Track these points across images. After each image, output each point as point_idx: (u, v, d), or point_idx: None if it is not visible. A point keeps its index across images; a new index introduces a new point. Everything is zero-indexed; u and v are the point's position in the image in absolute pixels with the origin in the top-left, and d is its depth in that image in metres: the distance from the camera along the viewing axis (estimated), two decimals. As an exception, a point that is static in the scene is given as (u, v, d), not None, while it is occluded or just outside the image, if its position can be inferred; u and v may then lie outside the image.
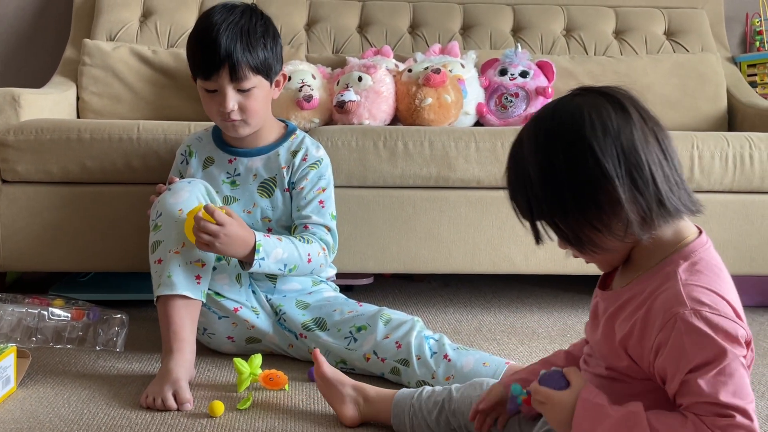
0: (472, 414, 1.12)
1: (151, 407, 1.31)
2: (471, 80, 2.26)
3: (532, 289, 2.23)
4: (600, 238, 0.90)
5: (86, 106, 2.32)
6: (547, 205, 0.91)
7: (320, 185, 1.61)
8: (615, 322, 0.92)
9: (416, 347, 1.44)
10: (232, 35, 1.47)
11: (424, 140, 1.86)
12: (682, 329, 0.83)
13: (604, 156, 0.87)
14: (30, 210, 1.83)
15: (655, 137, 0.90)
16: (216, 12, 1.50)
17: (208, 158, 1.63)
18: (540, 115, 0.95)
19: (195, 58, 1.51)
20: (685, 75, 2.44)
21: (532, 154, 0.91)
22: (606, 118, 0.88)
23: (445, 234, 1.89)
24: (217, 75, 1.47)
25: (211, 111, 1.53)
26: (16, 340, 1.59)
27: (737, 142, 1.90)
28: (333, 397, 1.27)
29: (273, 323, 1.59)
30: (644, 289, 0.90)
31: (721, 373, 0.82)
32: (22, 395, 1.36)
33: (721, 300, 0.86)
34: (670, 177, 0.89)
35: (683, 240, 0.92)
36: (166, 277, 1.41)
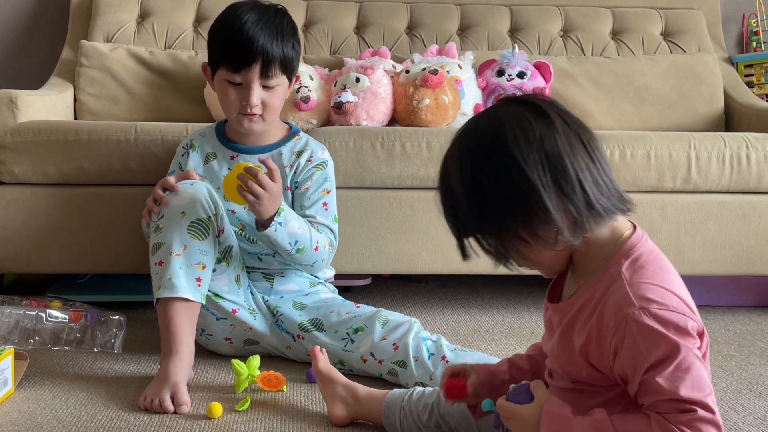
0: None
1: (149, 409, 1.31)
2: (468, 81, 2.26)
3: (530, 290, 2.23)
4: (529, 250, 0.90)
5: (83, 108, 2.31)
6: (471, 221, 0.90)
7: (325, 187, 1.62)
8: (572, 333, 0.93)
9: (414, 349, 1.44)
10: (269, 32, 1.49)
11: (422, 141, 1.86)
12: (634, 329, 0.84)
13: (527, 165, 0.86)
14: (27, 212, 1.83)
15: (580, 140, 0.89)
16: (249, 7, 1.52)
17: (211, 153, 1.63)
18: (463, 131, 0.94)
19: (225, 50, 1.51)
20: (682, 75, 2.44)
21: (456, 171, 0.91)
22: (528, 127, 0.88)
23: (443, 235, 1.88)
24: (248, 69, 1.49)
25: (230, 103, 1.53)
26: (14, 342, 1.59)
27: (734, 143, 1.91)
28: (325, 394, 1.29)
29: (270, 325, 1.59)
30: (593, 294, 0.90)
31: (678, 369, 0.83)
32: (20, 397, 1.36)
33: (668, 293, 0.86)
34: (598, 179, 0.89)
35: (620, 238, 0.92)
36: (167, 280, 1.41)
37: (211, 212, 1.47)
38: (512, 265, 0.95)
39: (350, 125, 2.06)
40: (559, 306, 0.96)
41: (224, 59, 1.51)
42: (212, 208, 1.47)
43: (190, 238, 1.43)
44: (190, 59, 2.37)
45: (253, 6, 1.53)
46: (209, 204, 1.47)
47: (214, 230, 1.47)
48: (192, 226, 1.44)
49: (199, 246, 1.44)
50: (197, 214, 1.44)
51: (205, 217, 1.45)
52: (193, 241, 1.43)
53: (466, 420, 1.14)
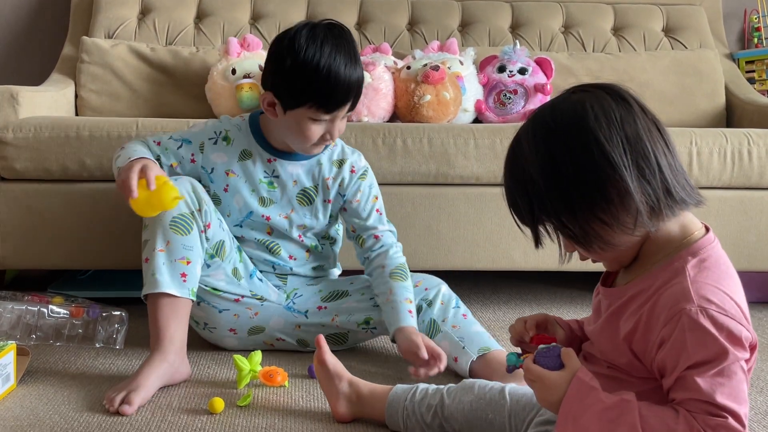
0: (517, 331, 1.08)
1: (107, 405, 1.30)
2: (470, 77, 2.26)
3: (531, 286, 2.23)
4: (609, 234, 0.88)
5: (84, 104, 2.31)
6: (552, 204, 0.89)
7: (373, 194, 1.62)
8: (619, 319, 0.92)
9: (444, 295, 1.57)
10: (355, 67, 1.44)
11: (423, 137, 1.86)
12: (686, 325, 0.83)
13: (610, 146, 0.85)
14: (29, 208, 1.83)
15: (656, 127, 0.89)
16: (326, 39, 1.42)
17: (246, 151, 1.56)
18: (538, 114, 0.93)
19: (319, 93, 1.41)
20: (684, 72, 2.44)
21: (533, 153, 0.89)
22: (608, 108, 0.87)
23: (444, 231, 1.89)
24: (340, 110, 1.44)
25: (309, 137, 1.46)
26: (16, 338, 1.59)
27: (736, 139, 1.90)
28: (329, 389, 1.28)
29: (280, 307, 1.60)
30: (651, 285, 0.89)
31: (720, 374, 0.82)
32: (22, 392, 1.36)
33: (730, 300, 0.85)
34: (673, 165, 0.88)
35: (690, 236, 0.91)
36: (150, 276, 1.41)
37: (195, 207, 1.45)
38: (585, 253, 0.92)
39: (351, 121, 2.06)
40: (611, 291, 0.95)
41: (316, 101, 1.42)
42: (196, 204, 1.45)
43: (173, 233, 1.42)
44: (192, 55, 2.36)
45: (324, 34, 1.43)
46: (192, 199, 1.45)
47: (199, 225, 1.45)
48: (174, 221, 1.43)
49: (183, 241, 1.43)
50: (179, 209, 1.43)
51: (188, 212, 1.44)
52: (176, 237, 1.42)
53: (469, 422, 1.14)
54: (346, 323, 1.59)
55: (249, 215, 1.56)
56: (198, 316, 1.58)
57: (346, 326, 1.59)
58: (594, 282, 1.03)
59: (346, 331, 1.60)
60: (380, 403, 1.23)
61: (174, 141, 1.55)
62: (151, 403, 1.33)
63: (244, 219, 1.57)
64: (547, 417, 1.02)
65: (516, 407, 1.11)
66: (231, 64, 2.25)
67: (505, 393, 1.14)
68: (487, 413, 1.12)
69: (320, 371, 1.29)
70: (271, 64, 1.46)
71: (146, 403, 1.32)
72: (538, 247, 0.94)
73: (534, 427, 1.04)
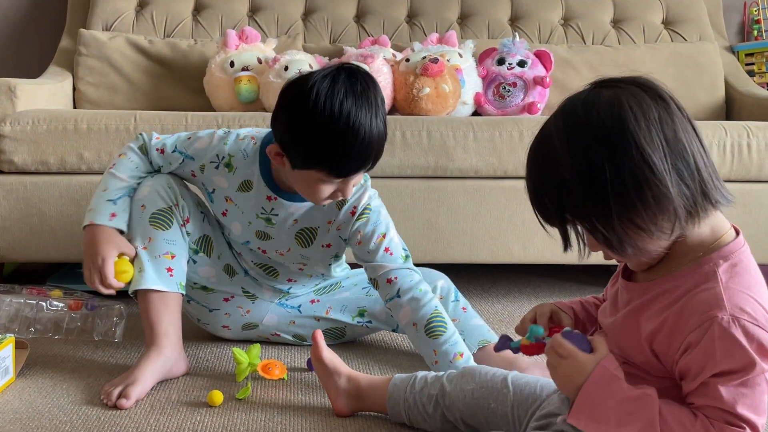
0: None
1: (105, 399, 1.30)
2: (469, 70, 2.26)
3: (530, 279, 2.23)
4: (644, 239, 0.85)
5: (82, 97, 2.31)
6: (586, 208, 0.85)
7: (378, 233, 1.45)
8: (641, 316, 0.90)
9: (443, 288, 1.54)
10: (377, 127, 1.26)
11: (422, 130, 1.86)
12: (717, 334, 0.81)
13: (651, 150, 0.81)
14: (27, 201, 1.82)
15: (691, 125, 0.86)
16: (347, 95, 1.24)
17: (247, 182, 1.44)
18: (568, 111, 0.88)
19: (332, 159, 1.27)
20: (683, 64, 2.43)
21: (566, 153, 0.85)
22: (647, 109, 0.83)
23: (443, 224, 1.89)
24: (354, 175, 1.31)
25: (321, 196, 1.33)
26: (15, 331, 1.59)
27: (735, 131, 1.90)
28: (328, 385, 1.27)
29: (272, 304, 1.59)
30: (679, 285, 0.87)
31: (744, 385, 0.81)
32: (21, 385, 1.36)
33: (761, 309, 0.83)
34: (708, 166, 0.85)
35: (720, 238, 0.88)
36: (137, 273, 1.40)
37: (172, 202, 1.43)
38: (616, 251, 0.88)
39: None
40: (633, 285, 0.93)
41: (327, 168, 1.28)
42: (173, 198, 1.43)
43: (154, 229, 1.41)
44: (190, 48, 2.36)
45: (345, 90, 1.24)
46: (168, 194, 1.43)
47: (178, 219, 1.44)
48: (153, 217, 1.41)
49: (164, 236, 1.41)
50: (157, 204, 1.42)
51: (166, 206, 1.42)
52: (157, 232, 1.41)
53: (471, 410, 1.13)
54: (340, 316, 1.59)
55: (246, 243, 1.52)
56: (191, 313, 1.58)
57: (342, 319, 1.59)
58: (593, 274, 1.03)
59: (343, 325, 1.60)
60: (380, 396, 1.22)
61: (178, 154, 1.45)
62: (150, 397, 1.33)
63: (243, 243, 1.53)
64: (550, 409, 1.02)
65: (519, 397, 1.10)
66: (229, 57, 2.24)
67: (508, 382, 1.13)
68: (489, 402, 1.11)
69: (318, 368, 1.29)
70: (282, 115, 1.30)
71: (144, 396, 1.32)
72: (567, 249, 0.90)
73: (536, 420, 1.04)
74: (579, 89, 0.90)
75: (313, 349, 1.29)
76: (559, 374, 0.90)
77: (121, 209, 1.40)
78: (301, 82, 1.28)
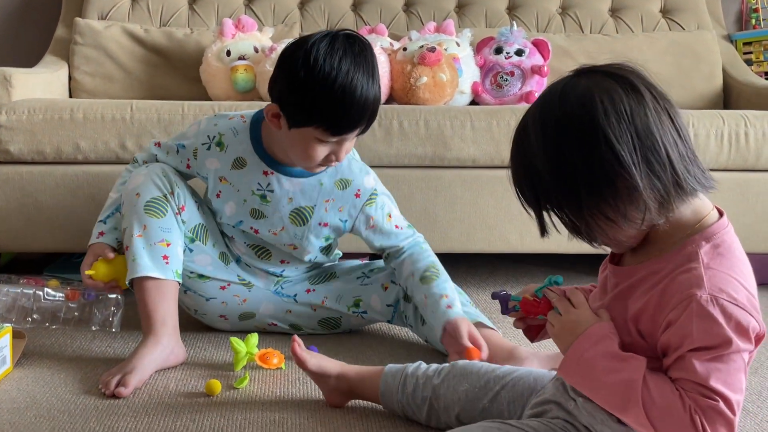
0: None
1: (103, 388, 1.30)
2: (466, 59, 2.25)
3: (528, 268, 2.24)
4: (614, 229, 0.87)
5: (78, 86, 2.30)
6: (557, 198, 0.88)
7: (385, 213, 1.52)
8: (628, 299, 0.91)
9: None
10: (372, 89, 1.31)
11: (420, 119, 1.86)
12: (695, 311, 0.82)
13: (619, 144, 0.83)
14: (23, 191, 1.82)
15: (668, 115, 0.86)
16: (345, 54, 1.29)
17: (240, 159, 1.46)
18: (545, 101, 0.89)
19: (327, 116, 1.30)
20: (681, 53, 2.43)
21: (540, 145, 0.87)
22: (618, 101, 0.84)
23: (440, 213, 1.89)
24: (350, 133, 1.34)
25: (313, 156, 1.35)
26: (12, 321, 1.58)
27: (732, 120, 1.90)
28: (319, 384, 1.27)
29: (268, 292, 1.59)
30: (663, 268, 0.88)
31: (718, 360, 0.82)
32: (19, 375, 1.36)
33: (742, 288, 0.84)
34: (684, 155, 0.86)
35: (703, 219, 0.89)
36: (131, 261, 1.40)
37: (167, 190, 1.44)
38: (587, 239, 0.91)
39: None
40: (620, 269, 0.94)
41: (324, 123, 1.31)
42: (168, 187, 1.44)
43: (148, 217, 1.41)
44: (186, 37, 2.35)
45: (344, 49, 1.29)
46: (163, 182, 1.44)
47: (173, 207, 1.44)
48: (148, 205, 1.42)
49: (159, 224, 1.42)
50: (151, 192, 1.42)
51: (161, 195, 1.43)
52: (152, 220, 1.41)
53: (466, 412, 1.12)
54: (336, 306, 1.59)
55: (239, 224, 1.52)
56: (187, 304, 1.58)
57: (337, 309, 1.59)
58: (591, 264, 1.03)
59: (339, 315, 1.60)
60: (372, 388, 1.22)
61: (172, 144, 1.51)
62: (148, 386, 1.33)
63: (235, 225, 1.53)
64: (546, 397, 1.02)
65: (513, 393, 1.10)
66: (225, 46, 2.23)
67: (500, 379, 1.12)
68: (483, 402, 1.11)
69: (306, 373, 1.27)
70: (281, 74, 1.33)
71: (142, 385, 1.32)
72: (544, 236, 0.92)
73: (531, 408, 1.04)
74: (562, 75, 0.91)
75: (296, 361, 1.25)
76: (562, 321, 0.93)
77: (109, 227, 1.49)
78: (301, 42, 1.32)
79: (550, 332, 0.95)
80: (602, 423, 0.92)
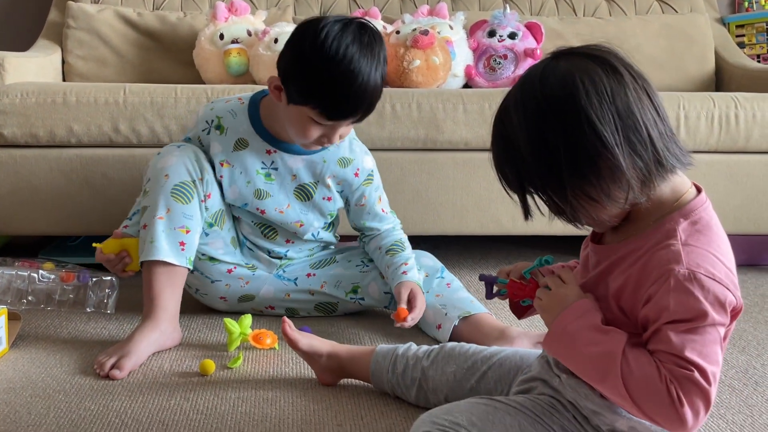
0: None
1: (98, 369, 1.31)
2: (459, 42, 2.25)
3: (520, 250, 2.25)
4: (598, 209, 0.88)
5: (72, 70, 2.30)
6: (540, 180, 0.88)
7: (377, 195, 1.60)
8: (608, 277, 0.92)
9: (428, 267, 1.59)
10: (375, 78, 1.32)
11: (412, 102, 1.86)
12: (672, 285, 0.84)
13: (602, 124, 0.83)
14: (17, 174, 1.82)
15: (647, 94, 0.87)
16: (354, 41, 1.31)
17: (242, 140, 1.48)
18: (526, 83, 0.89)
19: (325, 99, 1.33)
20: (674, 36, 2.43)
21: (522, 127, 0.87)
22: (599, 82, 0.84)
23: (433, 196, 1.90)
24: (344, 120, 1.37)
25: (306, 134, 1.38)
26: (7, 303, 1.60)
27: (723, 102, 1.91)
28: (311, 364, 1.29)
29: (271, 276, 1.61)
30: (642, 245, 0.89)
31: (693, 331, 0.83)
32: (14, 356, 1.38)
33: (720, 264, 0.85)
34: (664, 133, 0.87)
35: (682, 197, 0.90)
36: (149, 243, 1.40)
37: (197, 176, 1.44)
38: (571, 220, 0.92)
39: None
40: (601, 248, 0.95)
41: (320, 105, 1.33)
42: (197, 172, 1.45)
43: (174, 201, 1.41)
44: (179, 20, 2.34)
45: (354, 36, 1.31)
46: (194, 167, 1.44)
47: (200, 194, 1.45)
48: (176, 189, 1.42)
49: (183, 210, 1.42)
50: (180, 176, 1.42)
51: (190, 180, 1.43)
52: (177, 205, 1.42)
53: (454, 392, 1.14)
54: (334, 291, 1.60)
55: (244, 206, 1.53)
56: (190, 283, 1.59)
57: (336, 294, 1.60)
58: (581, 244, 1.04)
59: (336, 300, 1.61)
60: (363, 368, 1.24)
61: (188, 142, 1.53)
62: (143, 366, 1.35)
63: (241, 207, 1.54)
64: (532, 374, 1.04)
65: (500, 372, 1.12)
66: (219, 30, 2.23)
67: (487, 359, 1.14)
68: (471, 382, 1.13)
69: (297, 353, 1.29)
70: (289, 49, 1.36)
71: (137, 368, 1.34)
72: (528, 218, 0.93)
73: (518, 385, 1.06)
74: (543, 58, 0.91)
75: (288, 342, 1.28)
76: (551, 295, 0.94)
77: (133, 222, 1.52)
78: (315, 21, 1.35)
79: (537, 305, 0.96)
80: (586, 398, 0.93)
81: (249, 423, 1.15)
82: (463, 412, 0.95)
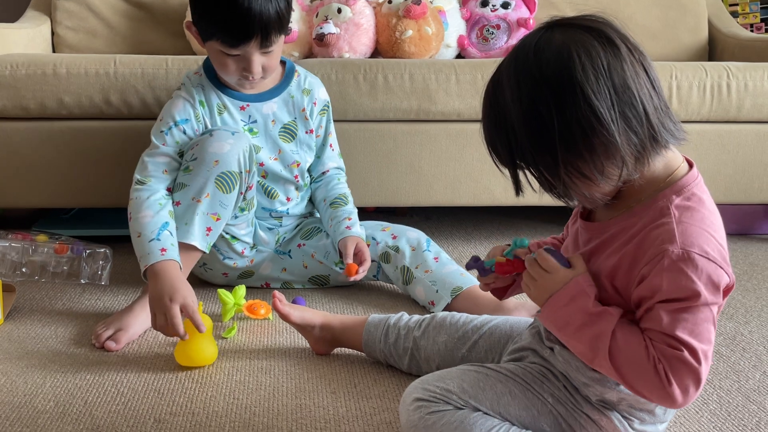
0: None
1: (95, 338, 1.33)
2: (452, 12, 2.24)
3: (512, 221, 2.26)
4: (589, 186, 0.86)
5: (61, 41, 2.28)
6: (533, 155, 0.85)
7: (330, 129, 1.65)
8: (600, 255, 0.92)
9: (412, 240, 1.59)
10: (263, 9, 1.36)
11: (405, 73, 1.86)
12: (666, 264, 0.83)
13: (598, 100, 0.81)
14: (8, 147, 1.81)
15: (643, 67, 0.85)
16: None
17: (220, 105, 1.52)
18: (520, 55, 0.86)
19: (219, 26, 1.38)
20: (667, 5, 2.42)
21: (515, 101, 0.84)
22: (596, 56, 0.82)
23: (425, 167, 1.90)
24: (246, 45, 1.39)
25: (228, 71, 1.45)
26: (2, 274, 1.60)
27: (715, 72, 1.91)
28: (304, 335, 1.31)
29: (271, 252, 1.63)
30: (635, 223, 0.88)
31: (685, 311, 0.82)
32: (10, 328, 1.39)
33: (714, 241, 0.85)
34: (659, 108, 0.85)
35: (674, 173, 0.89)
36: (183, 224, 1.40)
37: (244, 168, 1.44)
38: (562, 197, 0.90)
39: (332, 57, 2.04)
40: (592, 225, 0.94)
41: (218, 36, 1.39)
42: (247, 164, 1.45)
43: (216, 188, 1.41)
44: (169, -9, 2.32)
45: None
46: (245, 160, 1.44)
47: (242, 186, 1.45)
48: (221, 177, 1.41)
49: (221, 198, 1.42)
50: (230, 166, 1.41)
51: (237, 171, 1.43)
52: (218, 192, 1.41)
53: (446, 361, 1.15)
54: (325, 261, 1.61)
55: None
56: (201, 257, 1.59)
57: (326, 265, 1.62)
58: (571, 216, 1.04)
59: (327, 273, 1.63)
60: (355, 337, 1.25)
61: (177, 132, 1.47)
62: (139, 336, 1.36)
63: None
64: (522, 344, 1.05)
65: (490, 341, 1.13)
66: None
67: (477, 329, 1.15)
68: (462, 351, 1.15)
69: (291, 325, 1.30)
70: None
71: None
72: (519, 194, 0.91)
73: (509, 354, 1.07)
74: (537, 28, 0.89)
75: (280, 316, 1.29)
76: (538, 285, 0.92)
77: (168, 243, 1.32)
78: None
79: (527, 294, 0.95)
80: (577, 370, 0.94)
81: (244, 391, 1.16)
82: (454, 378, 0.96)
